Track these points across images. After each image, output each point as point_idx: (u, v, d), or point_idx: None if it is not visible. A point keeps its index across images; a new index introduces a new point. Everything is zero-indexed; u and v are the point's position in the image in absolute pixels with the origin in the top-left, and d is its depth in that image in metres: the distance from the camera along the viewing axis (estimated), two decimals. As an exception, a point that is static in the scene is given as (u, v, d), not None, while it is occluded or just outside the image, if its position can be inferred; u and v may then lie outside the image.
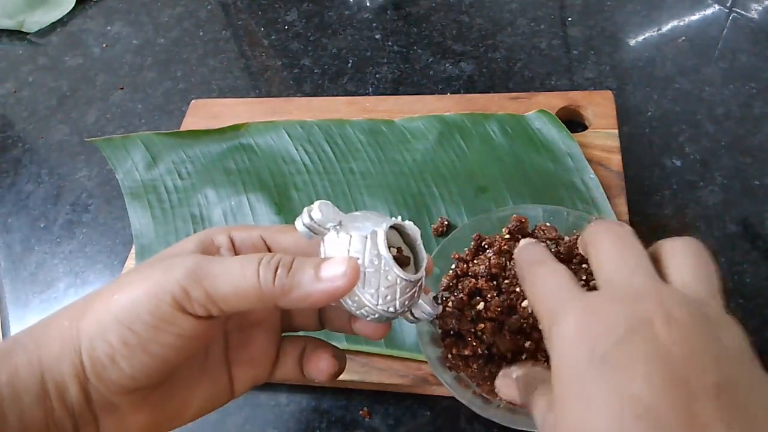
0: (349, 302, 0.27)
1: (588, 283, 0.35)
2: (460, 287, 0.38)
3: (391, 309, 0.27)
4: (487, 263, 0.36)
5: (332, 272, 0.25)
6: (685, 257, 0.25)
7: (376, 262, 0.26)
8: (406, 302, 0.27)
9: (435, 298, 0.31)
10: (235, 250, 0.29)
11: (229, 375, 0.30)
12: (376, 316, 0.27)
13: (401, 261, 0.28)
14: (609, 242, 0.25)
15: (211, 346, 0.31)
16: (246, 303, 0.26)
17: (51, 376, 0.25)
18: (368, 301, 0.26)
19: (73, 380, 0.26)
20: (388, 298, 0.26)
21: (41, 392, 0.25)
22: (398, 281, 0.26)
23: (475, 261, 0.38)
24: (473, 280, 0.38)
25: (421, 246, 0.28)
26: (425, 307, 0.30)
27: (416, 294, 0.28)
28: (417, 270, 0.28)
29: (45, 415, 0.25)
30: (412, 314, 0.30)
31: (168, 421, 0.29)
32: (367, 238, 0.26)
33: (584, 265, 0.36)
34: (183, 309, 0.25)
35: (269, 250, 0.30)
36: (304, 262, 0.26)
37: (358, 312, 0.27)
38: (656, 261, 0.25)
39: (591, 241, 0.26)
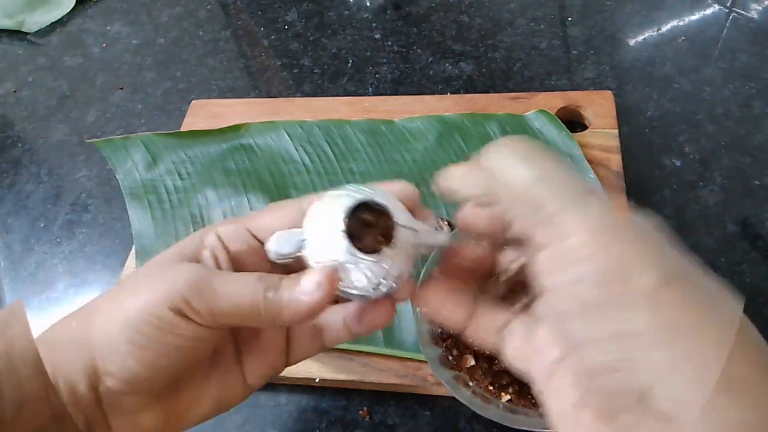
0: (351, 294, 0.27)
1: None
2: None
3: (392, 282, 0.27)
4: None
5: (308, 285, 0.26)
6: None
7: (350, 262, 0.26)
8: (403, 266, 0.27)
9: (440, 220, 0.29)
10: (224, 246, 0.29)
11: (240, 368, 0.30)
12: (385, 292, 0.27)
13: (383, 235, 0.27)
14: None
15: (221, 341, 0.31)
16: (246, 322, 0.27)
17: (62, 373, 0.26)
18: (366, 287, 0.27)
19: (83, 377, 0.26)
20: (381, 276, 0.27)
21: (53, 389, 0.26)
22: (380, 259, 0.26)
23: None
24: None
25: (396, 209, 0.27)
26: (432, 238, 0.29)
27: (409, 252, 0.27)
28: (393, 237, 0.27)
29: (45, 390, 0.26)
30: (425, 251, 0.29)
31: (180, 419, 0.29)
32: (331, 245, 0.26)
33: None
34: (185, 316, 0.26)
35: (256, 237, 0.30)
36: (289, 280, 0.27)
37: (365, 298, 0.28)
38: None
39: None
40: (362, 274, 0.26)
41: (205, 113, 0.60)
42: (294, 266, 0.28)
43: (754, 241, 0.46)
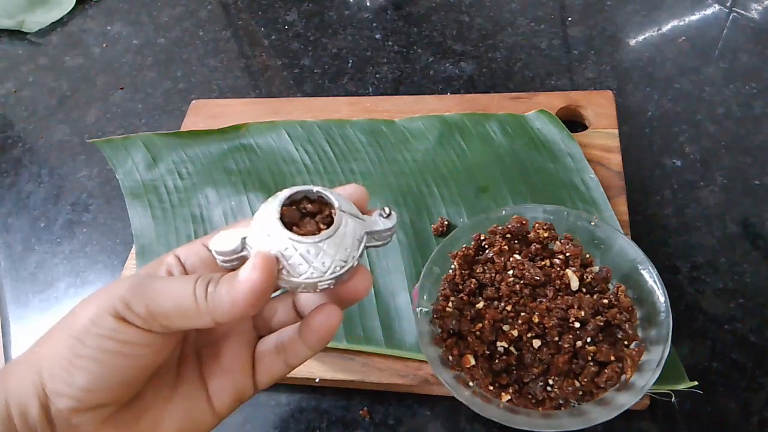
0: (297, 283, 0.27)
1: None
2: (461, 287, 0.38)
3: (338, 268, 0.27)
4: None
5: (243, 271, 0.26)
6: None
7: (289, 248, 0.26)
8: (349, 251, 0.27)
9: (384, 209, 0.29)
10: (181, 263, 0.29)
11: (205, 389, 0.30)
12: (332, 279, 0.27)
13: (326, 223, 0.27)
14: None
15: (183, 363, 0.30)
16: (187, 321, 0.26)
17: (14, 399, 0.26)
18: (310, 274, 0.26)
19: (34, 400, 0.26)
20: (324, 261, 0.26)
21: (6, 416, 0.26)
22: (320, 241, 0.26)
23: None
24: (473, 280, 0.38)
25: (340, 200, 0.28)
26: (380, 225, 0.29)
27: (354, 236, 0.27)
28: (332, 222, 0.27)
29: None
30: (373, 243, 0.29)
31: None
32: (269, 235, 0.26)
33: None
34: (124, 320, 0.26)
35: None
36: (230, 274, 0.26)
37: (317, 288, 0.27)
38: None
39: None
40: (303, 259, 0.26)
41: (206, 113, 0.60)
42: None
43: (754, 240, 0.46)
